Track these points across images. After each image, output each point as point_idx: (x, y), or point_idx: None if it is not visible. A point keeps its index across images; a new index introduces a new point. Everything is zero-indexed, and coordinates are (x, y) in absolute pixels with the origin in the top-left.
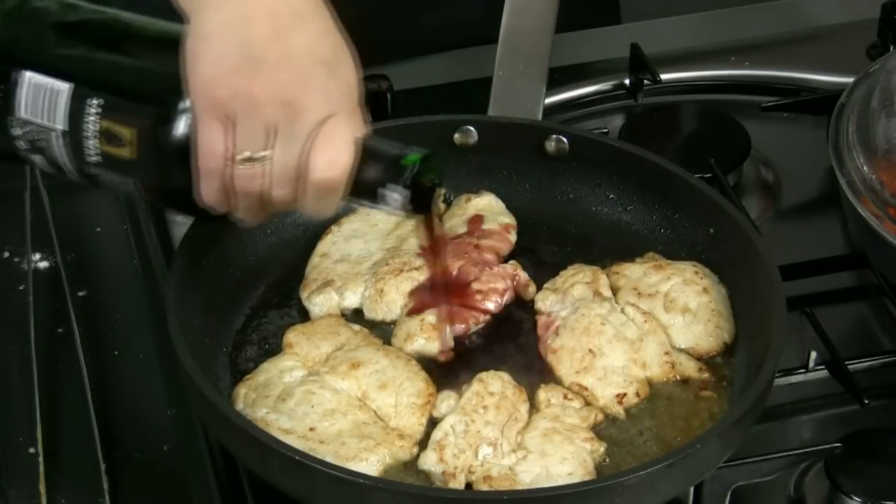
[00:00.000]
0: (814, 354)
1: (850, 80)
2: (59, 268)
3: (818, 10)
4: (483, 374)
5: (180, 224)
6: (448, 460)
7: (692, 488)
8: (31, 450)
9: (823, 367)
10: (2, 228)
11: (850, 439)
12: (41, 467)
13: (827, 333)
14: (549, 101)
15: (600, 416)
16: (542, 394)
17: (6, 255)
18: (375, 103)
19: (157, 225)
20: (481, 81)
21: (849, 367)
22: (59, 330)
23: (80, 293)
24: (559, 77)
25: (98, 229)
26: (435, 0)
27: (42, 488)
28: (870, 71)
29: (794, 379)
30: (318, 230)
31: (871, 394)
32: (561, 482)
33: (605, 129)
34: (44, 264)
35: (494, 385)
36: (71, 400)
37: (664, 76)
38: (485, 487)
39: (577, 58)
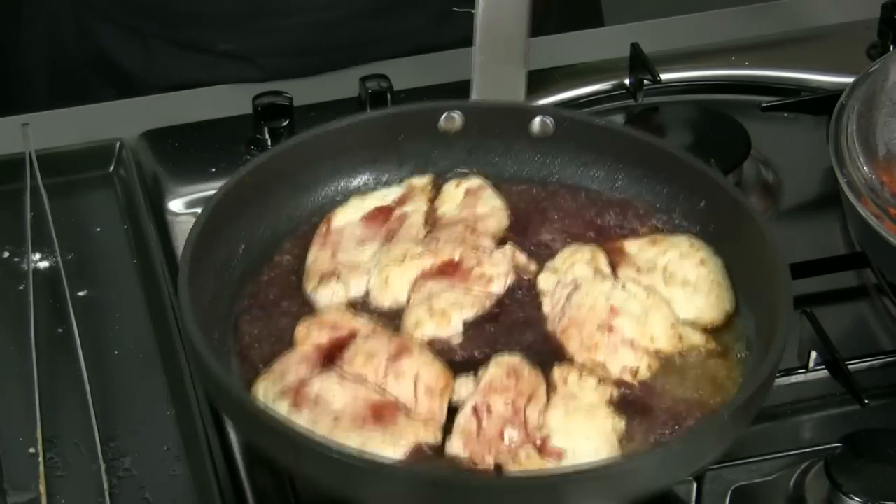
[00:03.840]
0: (814, 354)
1: (850, 80)
2: (59, 268)
3: (818, 10)
4: (498, 357)
5: (180, 224)
6: (473, 445)
7: (693, 487)
8: (31, 450)
9: (823, 367)
10: (2, 228)
11: (850, 439)
12: (41, 467)
13: (827, 333)
14: (548, 100)
15: (616, 392)
16: (558, 373)
17: (6, 255)
18: (375, 103)
19: (157, 225)
20: (450, 86)
21: (849, 367)
22: (59, 330)
23: (80, 293)
24: (559, 77)
25: (98, 229)
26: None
27: (42, 488)
28: (870, 71)
29: (794, 379)
30: (311, 223)
31: (871, 394)
32: (592, 456)
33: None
34: (44, 264)
35: (511, 367)
36: (71, 400)
37: (664, 76)
38: (515, 469)
39: (577, 58)
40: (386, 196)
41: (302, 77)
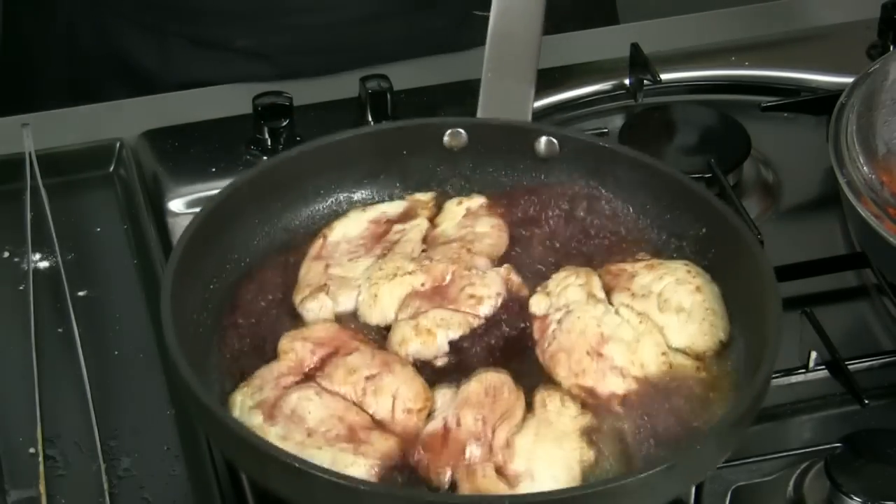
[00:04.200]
0: (814, 354)
1: (850, 80)
2: (59, 268)
3: (818, 10)
4: (482, 373)
5: (180, 224)
6: (435, 456)
7: (693, 488)
8: (31, 450)
9: (823, 367)
10: (2, 228)
11: (850, 439)
12: (41, 467)
13: (827, 333)
14: (548, 101)
15: (595, 422)
16: (539, 397)
17: (6, 255)
18: (375, 103)
19: (157, 225)
20: (466, 84)
21: (849, 367)
22: (59, 330)
23: (80, 293)
24: (559, 77)
25: (98, 229)
26: (403, 7)
27: (42, 488)
28: (870, 71)
29: (794, 379)
30: (310, 234)
31: (871, 394)
32: (550, 484)
33: (605, 129)
34: (44, 264)
35: (492, 384)
36: (71, 400)
37: (664, 76)
38: (467, 486)
39: (577, 58)
40: (387, 211)
41: (318, 76)
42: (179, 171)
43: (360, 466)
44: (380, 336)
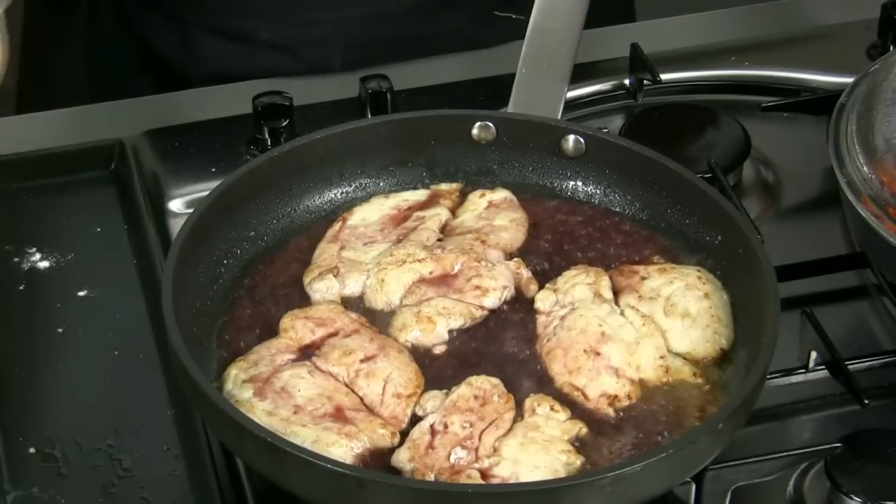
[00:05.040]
0: (814, 354)
1: (850, 80)
2: (59, 268)
3: (818, 10)
4: (473, 378)
5: (180, 224)
6: (419, 459)
7: (693, 488)
8: (31, 450)
9: (823, 367)
10: (1, 228)
11: (850, 439)
12: (41, 467)
13: (827, 333)
14: None
15: (584, 430)
16: (529, 402)
17: (6, 255)
18: (375, 103)
19: (157, 225)
20: (481, 81)
21: (849, 367)
22: (59, 330)
23: (80, 293)
24: None
25: (98, 229)
26: (429, 4)
27: (42, 488)
28: (870, 71)
29: (794, 379)
30: (330, 217)
31: (871, 394)
32: None
33: (605, 129)
34: (44, 264)
35: (482, 390)
36: (71, 400)
37: (664, 76)
38: None
39: (577, 58)
40: (410, 198)
41: (340, 72)
42: (179, 171)
43: (341, 447)
44: (383, 321)
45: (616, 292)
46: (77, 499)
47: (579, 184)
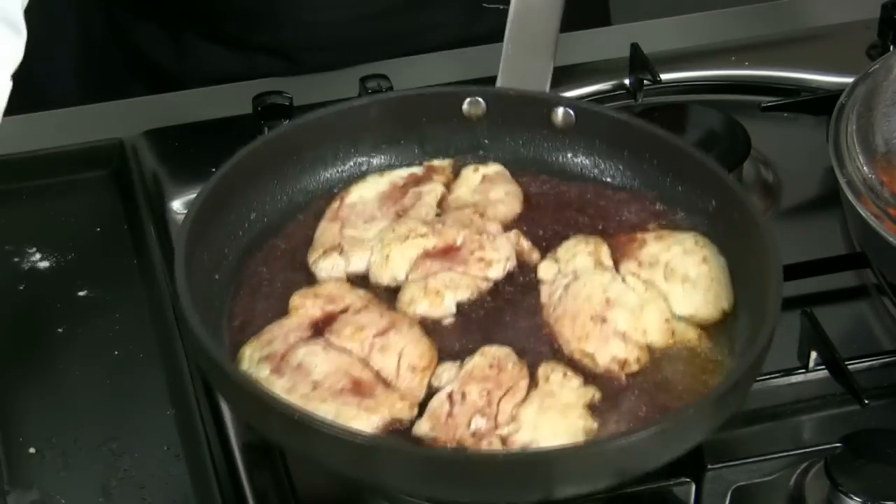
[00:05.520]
0: (814, 354)
1: (850, 80)
2: (59, 268)
3: (818, 10)
4: (486, 348)
5: (180, 224)
6: (440, 429)
7: (693, 488)
8: (31, 450)
9: (823, 367)
10: (2, 228)
11: (850, 439)
12: (41, 467)
13: (827, 333)
14: None
15: (598, 395)
16: (542, 370)
17: (6, 255)
18: None
19: (157, 225)
20: (481, 81)
21: (849, 367)
22: (59, 330)
23: (80, 293)
24: (559, 77)
25: (98, 229)
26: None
27: (42, 488)
28: (870, 71)
29: (794, 379)
30: (327, 197)
31: (871, 394)
32: None
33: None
34: (44, 264)
35: (496, 359)
36: (71, 400)
37: (664, 76)
38: None
39: (577, 58)
40: (404, 176)
41: (334, 70)
42: (179, 171)
43: (362, 420)
44: (389, 297)
45: (615, 260)
46: (77, 499)
47: (570, 156)
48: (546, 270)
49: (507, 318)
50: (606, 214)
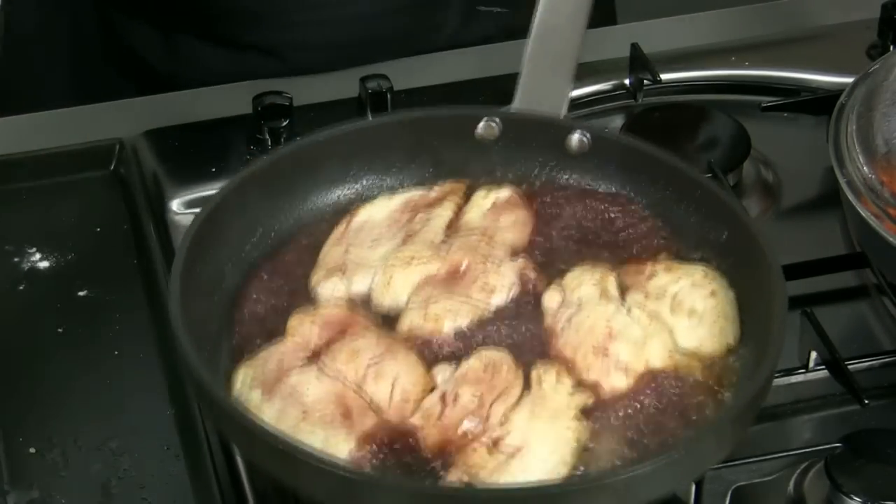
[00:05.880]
0: (814, 354)
1: (850, 80)
2: (59, 268)
3: (818, 10)
4: (482, 351)
5: (180, 224)
6: (430, 428)
7: (693, 487)
8: (31, 450)
9: (823, 367)
10: (2, 228)
11: (850, 439)
12: (40, 467)
13: (827, 333)
14: None
15: (591, 399)
16: (535, 373)
17: (6, 255)
18: (375, 103)
19: (157, 225)
20: (481, 81)
21: (849, 367)
22: (59, 330)
23: (80, 293)
24: None
25: (98, 229)
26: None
27: (42, 488)
28: (870, 71)
29: (794, 379)
30: (335, 217)
31: (871, 394)
32: (539, 462)
33: (605, 128)
34: (44, 264)
35: (490, 361)
36: (71, 400)
37: (664, 76)
38: (459, 461)
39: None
40: (415, 197)
41: (328, 71)
42: (179, 171)
43: (350, 448)
44: (391, 321)
45: (623, 291)
46: (77, 499)
47: (583, 181)
48: (550, 299)
49: (508, 344)
50: (617, 242)
